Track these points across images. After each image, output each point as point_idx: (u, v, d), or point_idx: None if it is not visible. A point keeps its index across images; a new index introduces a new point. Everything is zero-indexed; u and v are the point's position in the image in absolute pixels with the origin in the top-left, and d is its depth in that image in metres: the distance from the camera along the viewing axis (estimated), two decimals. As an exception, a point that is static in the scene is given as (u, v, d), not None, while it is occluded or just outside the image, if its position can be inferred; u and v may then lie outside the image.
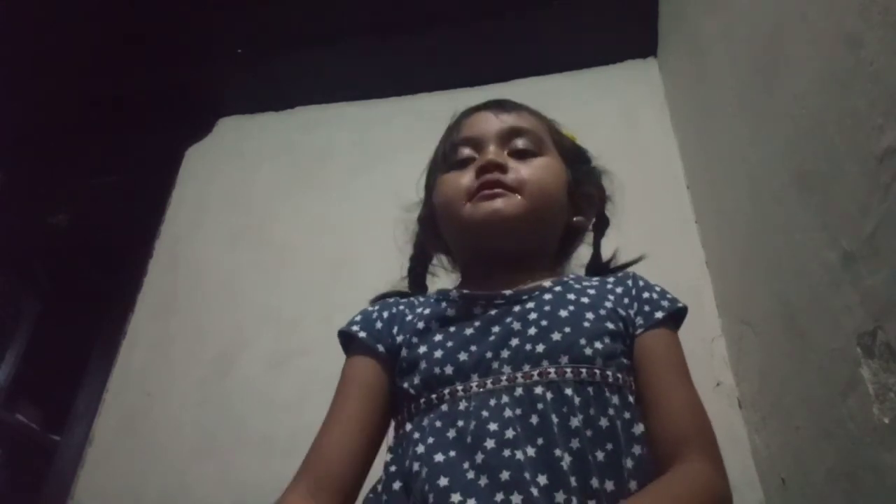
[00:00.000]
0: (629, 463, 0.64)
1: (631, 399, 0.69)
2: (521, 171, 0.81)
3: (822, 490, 0.92)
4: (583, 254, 0.95)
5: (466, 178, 0.82)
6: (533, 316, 0.73)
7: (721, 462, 0.67)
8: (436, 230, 0.91)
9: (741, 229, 1.25)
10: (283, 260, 1.80)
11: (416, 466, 0.65)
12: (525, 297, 0.77)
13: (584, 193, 0.90)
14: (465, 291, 0.80)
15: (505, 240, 0.80)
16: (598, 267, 0.92)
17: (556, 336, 0.70)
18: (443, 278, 0.96)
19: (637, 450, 0.66)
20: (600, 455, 0.63)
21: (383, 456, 0.74)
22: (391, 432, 0.77)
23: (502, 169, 0.80)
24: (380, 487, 0.70)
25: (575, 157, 0.91)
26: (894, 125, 0.68)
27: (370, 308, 0.84)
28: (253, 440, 1.50)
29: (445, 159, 0.88)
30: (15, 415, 2.52)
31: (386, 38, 1.98)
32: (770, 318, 1.10)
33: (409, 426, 0.71)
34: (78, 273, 2.73)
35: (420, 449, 0.66)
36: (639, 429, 0.68)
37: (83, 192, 2.23)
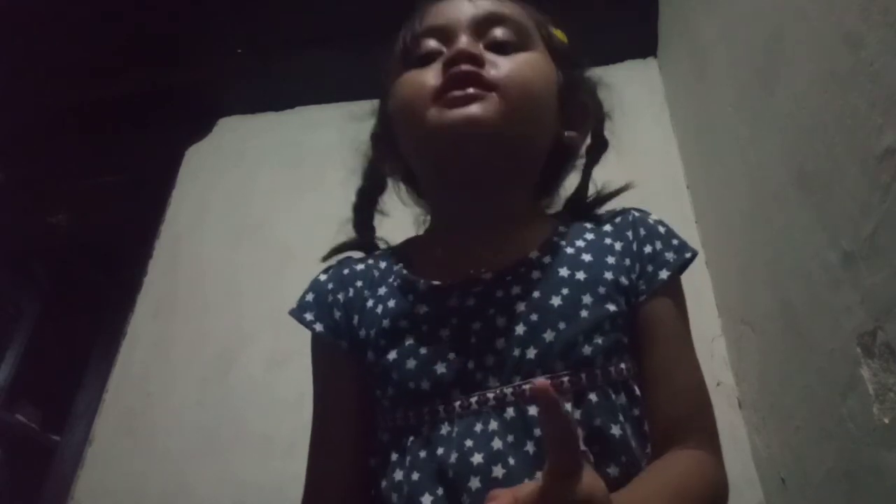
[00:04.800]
0: (644, 464, 0.59)
1: (637, 391, 0.62)
2: (501, 65, 0.65)
3: (822, 490, 0.92)
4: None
5: (431, 75, 0.65)
6: (520, 307, 0.62)
7: (719, 447, 0.62)
8: (393, 149, 0.73)
9: (741, 229, 1.25)
10: (283, 259, 1.80)
11: (394, 498, 0.58)
12: (509, 277, 0.64)
13: (577, 102, 0.74)
14: (434, 283, 0.66)
15: (480, 153, 0.64)
16: (581, 200, 0.78)
17: (549, 336, 0.59)
18: (396, 219, 0.79)
19: (650, 449, 0.61)
20: (613, 471, 0.56)
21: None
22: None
23: (477, 61, 0.64)
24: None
25: (567, 59, 0.74)
26: (894, 125, 0.69)
27: (322, 279, 0.73)
28: (253, 440, 1.50)
29: (405, 55, 0.71)
30: (15, 415, 2.51)
31: (386, 38, 1.98)
32: (770, 318, 1.10)
33: (386, 436, 0.63)
34: (78, 273, 2.73)
35: (398, 476, 0.59)
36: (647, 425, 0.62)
37: (83, 192, 2.23)
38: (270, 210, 1.93)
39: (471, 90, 0.63)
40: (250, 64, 2.08)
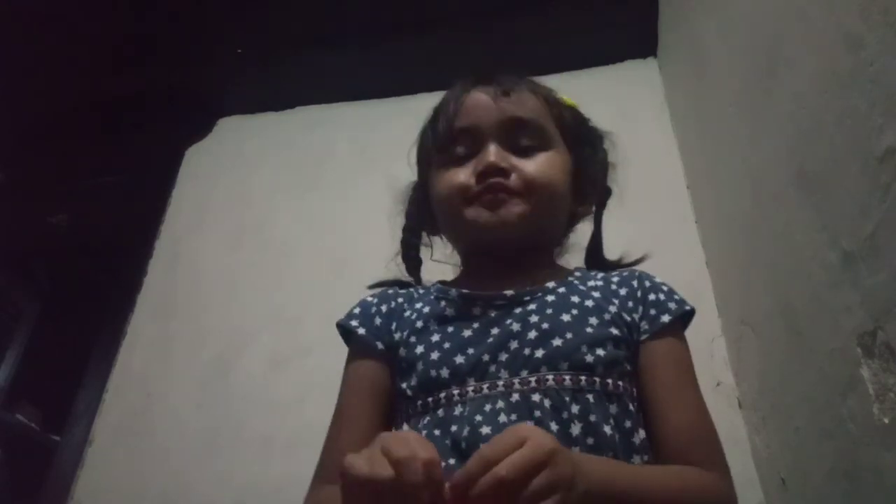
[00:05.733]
0: None
1: (632, 407, 0.68)
2: (526, 170, 0.77)
3: (822, 490, 0.92)
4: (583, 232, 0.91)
5: (466, 176, 0.78)
6: (534, 318, 0.72)
7: (728, 472, 0.67)
8: (430, 213, 0.87)
9: (741, 229, 1.25)
10: (283, 260, 1.80)
11: None
12: (527, 297, 0.74)
13: (588, 178, 0.86)
14: (464, 291, 0.77)
15: (509, 244, 0.78)
16: (597, 249, 0.89)
17: (557, 342, 0.69)
18: (439, 248, 0.92)
19: (637, 459, 0.65)
20: None
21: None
22: None
23: (504, 173, 0.76)
24: None
25: (577, 138, 0.86)
26: (894, 125, 0.69)
27: (369, 299, 0.82)
28: (253, 440, 1.50)
29: (442, 149, 0.82)
30: (15, 415, 2.52)
31: (386, 38, 1.98)
32: (770, 318, 1.10)
33: (405, 427, 0.70)
34: (78, 273, 2.73)
35: None
36: (639, 437, 0.67)
37: (83, 192, 2.23)
38: (270, 210, 1.93)
39: (501, 195, 0.76)
40: (250, 64, 2.08)
